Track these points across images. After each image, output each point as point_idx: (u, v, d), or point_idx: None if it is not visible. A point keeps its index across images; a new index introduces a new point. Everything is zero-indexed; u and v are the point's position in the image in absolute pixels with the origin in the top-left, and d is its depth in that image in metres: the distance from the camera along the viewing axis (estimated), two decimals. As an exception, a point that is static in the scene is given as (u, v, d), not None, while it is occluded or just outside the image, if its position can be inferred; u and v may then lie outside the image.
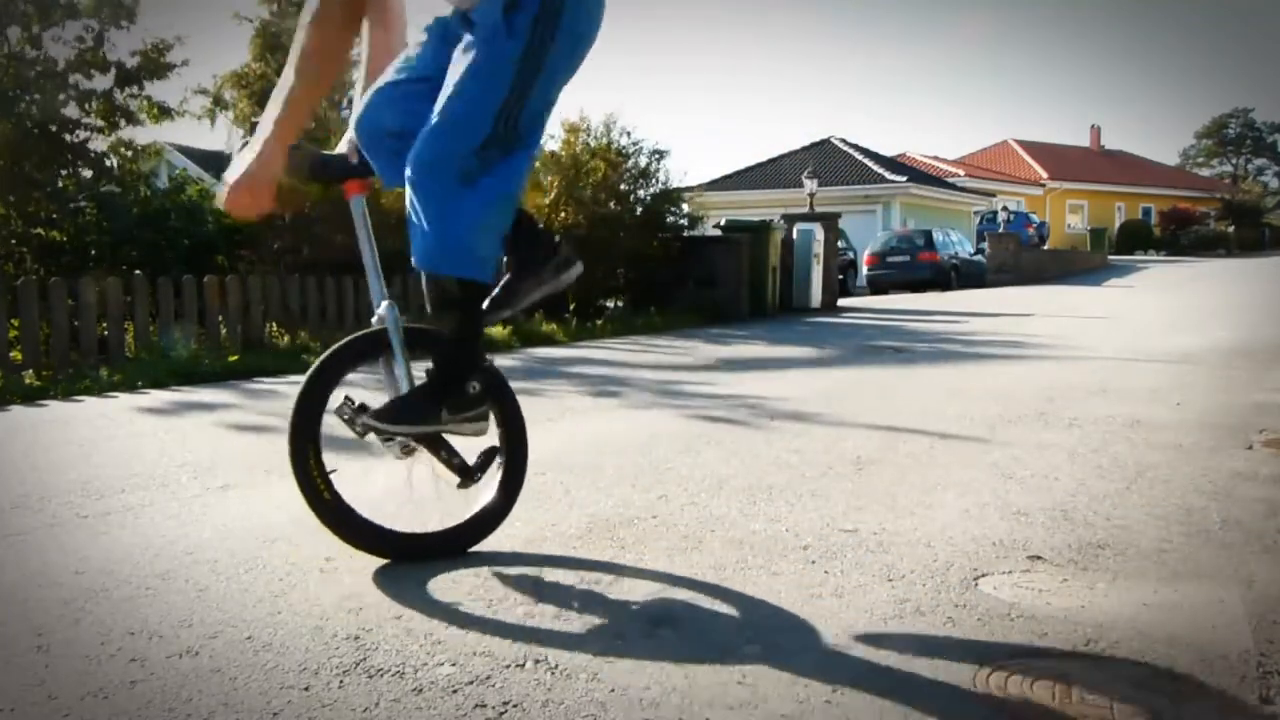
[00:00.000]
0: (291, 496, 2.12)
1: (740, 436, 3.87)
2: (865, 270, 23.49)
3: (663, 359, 7.43)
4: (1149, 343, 7.82)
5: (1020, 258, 25.89)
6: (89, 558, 2.28)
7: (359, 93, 2.25)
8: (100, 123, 9.61)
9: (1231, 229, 44.20)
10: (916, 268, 22.52)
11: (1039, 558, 2.25)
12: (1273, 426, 3.93)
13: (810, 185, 23.38)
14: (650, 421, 4.33)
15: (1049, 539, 2.40)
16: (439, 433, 2.18)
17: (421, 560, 2.18)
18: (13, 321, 6.58)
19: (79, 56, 9.36)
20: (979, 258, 25.03)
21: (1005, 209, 34.69)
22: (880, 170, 32.33)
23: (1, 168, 8.81)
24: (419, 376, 2.19)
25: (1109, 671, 1.64)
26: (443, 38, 2.13)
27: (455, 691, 1.56)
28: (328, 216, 9.12)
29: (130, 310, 7.24)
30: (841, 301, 16.13)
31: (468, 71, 1.96)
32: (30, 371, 6.32)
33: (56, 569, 2.19)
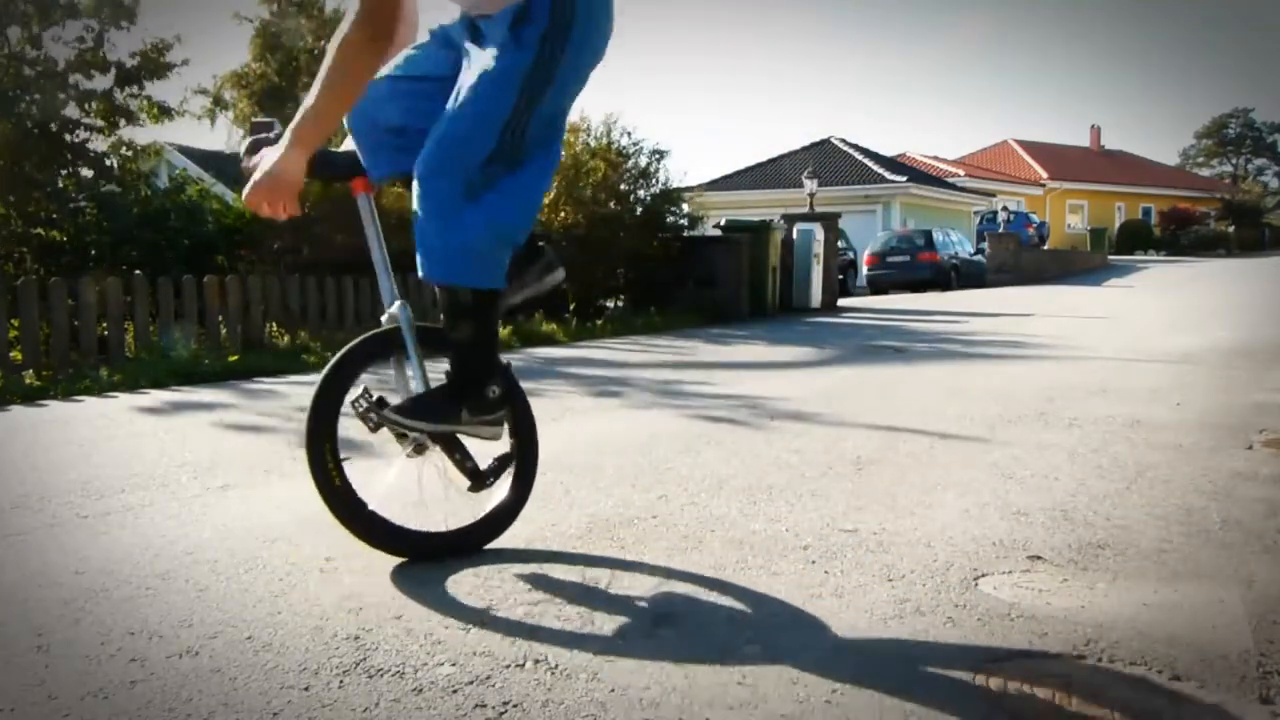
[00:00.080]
0: (292, 496, 2.12)
1: (740, 436, 3.87)
2: (865, 270, 23.50)
3: (663, 359, 7.43)
4: (1149, 343, 7.82)
5: (1020, 258, 25.90)
6: (89, 558, 2.28)
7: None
8: (100, 123, 9.62)
9: (1231, 229, 44.21)
10: (916, 268, 22.53)
11: (1039, 558, 2.25)
12: (1273, 426, 3.93)
13: (810, 185, 23.40)
14: (650, 421, 4.33)
15: (1049, 539, 2.40)
16: (455, 434, 2.18)
17: (432, 560, 2.18)
18: (13, 321, 6.58)
19: (79, 56, 9.37)
20: (979, 258, 25.04)
21: (1005, 209, 34.69)
22: (880, 170, 32.34)
23: (1, 168, 8.82)
24: (434, 377, 2.20)
25: (1109, 671, 1.64)
26: (444, 42, 2.13)
27: (455, 691, 1.56)
28: (328, 216, 9.12)
29: (130, 310, 7.24)
30: (841, 301, 16.13)
31: (475, 83, 1.96)
32: (30, 371, 6.32)
33: (56, 569, 2.19)
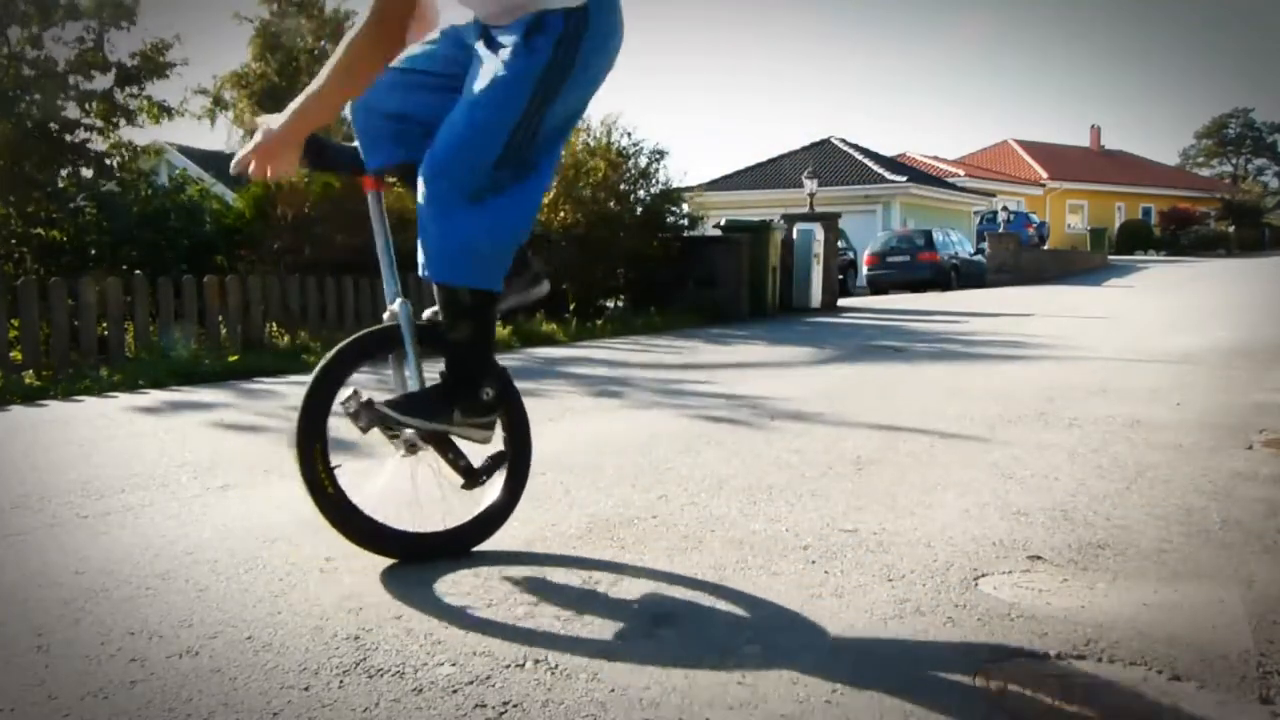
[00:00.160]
0: (292, 496, 2.12)
1: (740, 436, 3.87)
2: (865, 270, 23.49)
3: (663, 359, 7.43)
4: (1149, 343, 7.82)
5: (1020, 258, 25.90)
6: (89, 558, 2.28)
7: None
8: (100, 123, 9.62)
9: (1231, 229, 44.20)
10: (916, 268, 22.53)
11: (1039, 558, 2.25)
12: (1273, 426, 3.93)
13: (810, 185, 23.39)
14: (650, 421, 4.33)
15: (1049, 539, 2.40)
16: (447, 433, 2.18)
17: (426, 560, 2.18)
18: (13, 321, 6.58)
19: (79, 57, 9.37)
20: (979, 258, 25.03)
21: (1005, 209, 34.69)
22: (880, 170, 32.34)
23: (1, 168, 8.82)
24: (429, 377, 2.20)
25: (1109, 671, 1.64)
26: (456, 42, 2.14)
27: (455, 691, 1.56)
28: (328, 216, 9.13)
29: (130, 310, 7.24)
30: (841, 301, 16.13)
31: (488, 85, 1.97)
32: (30, 371, 6.32)
33: (56, 569, 2.19)
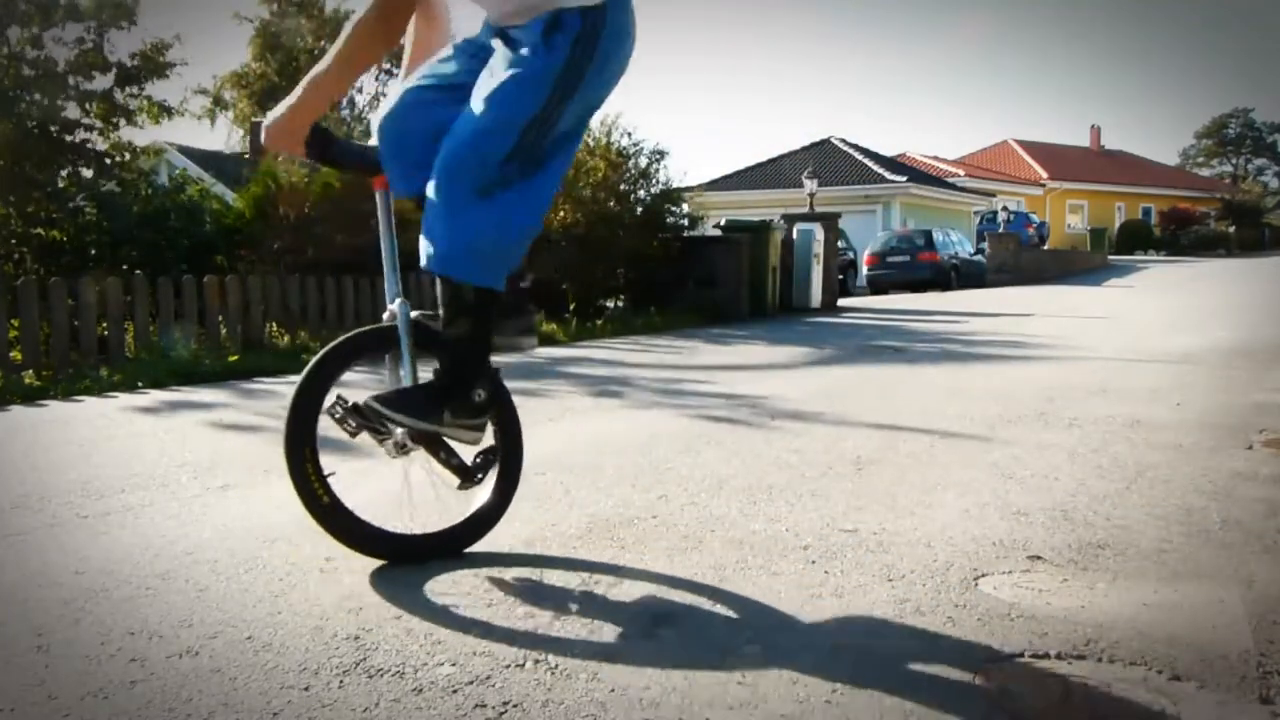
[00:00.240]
0: (292, 496, 2.12)
1: (740, 436, 3.87)
2: (865, 270, 23.49)
3: (663, 359, 7.43)
4: (1149, 343, 7.82)
5: (1020, 258, 25.90)
6: (89, 558, 2.28)
7: (397, 82, 2.29)
8: (100, 123, 9.62)
9: (1231, 229, 44.21)
10: (916, 268, 22.53)
11: (1039, 558, 2.25)
12: (1273, 426, 3.93)
13: (810, 185, 23.40)
14: (650, 421, 4.33)
15: (1049, 539, 2.40)
16: (438, 434, 2.18)
17: (419, 561, 2.18)
18: (13, 321, 6.58)
19: (79, 57, 9.38)
20: (979, 258, 25.03)
21: (1005, 209, 34.69)
22: (880, 170, 32.34)
23: (1, 168, 8.82)
24: (424, 377, 2.19)
25: (1109, 671, 1.64)
26: (471, 54, 2.14)
27: (455, 691, 1.56)
28: (328, 216, 9.13)
29: (130, 310, 7.24)
30: (841, 301, 16.13)
31: (505, 81, 1.97)
32: (30, 371, 6.32)
33: (56, 569, 2.19)
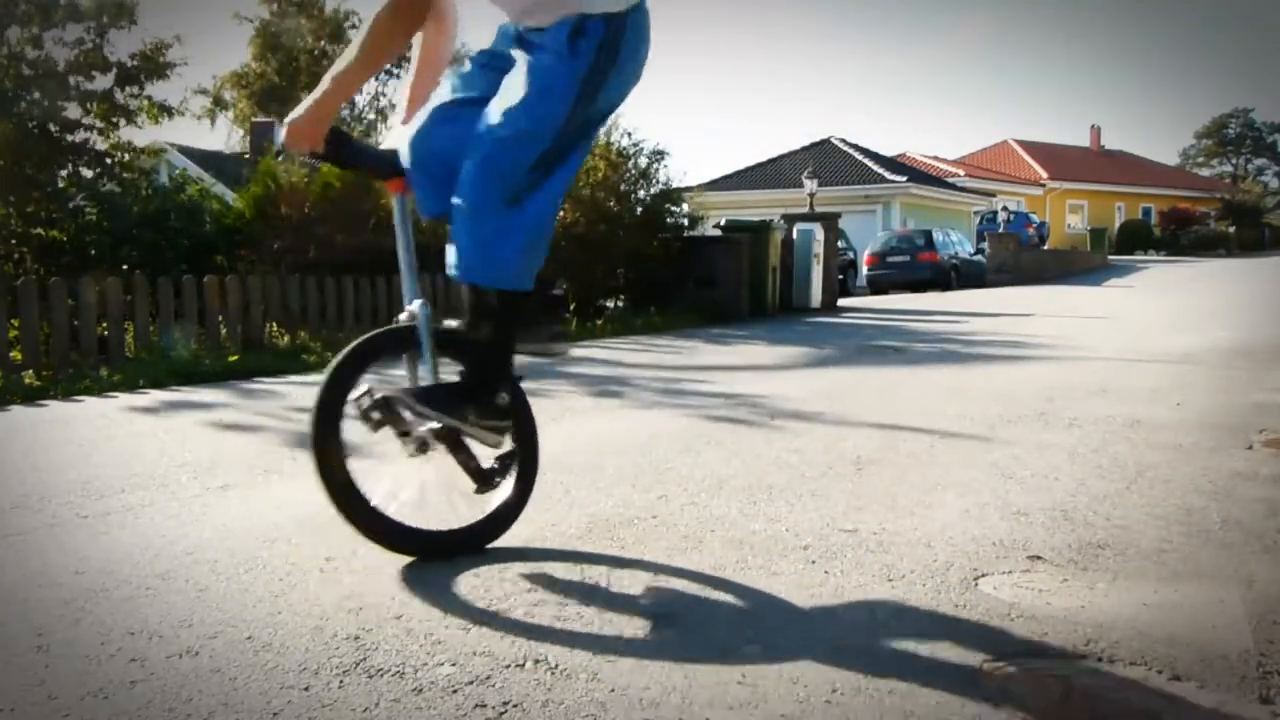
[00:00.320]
0: (292, 497, 2.12)
1: (740, 436, 3.87)
2: (865, 270, 23.48)
3: (663, 359, 7.43)
4: (1149, 343, 7.82)
5: (1020, 258, 25.89)
6: (89, 558, 2.28)
7: (403, 88, 2.32)
8: (100, 123, 9.62)
9: (1231, 229, 44.19)
10: (916, 268, 22.52)
11: (1039, 558, 2.25)
12: (1273, 426, 3.93)
13: (810, 185, 23.40)
14: (650, 421, 4.33)
15: (1049, 539, 2.40)
16: (459, 433, 2.19)
17: (441, 558, 2.18)
18: (13, 321, 6.58)
19: (79, 57, 9.38)
20: (979, 258, 25.03)
21: (1005, 209, 34.69)
22: (880, 170, 32.33)
23: (1, 168, 8.82)
24: (446, 378, 2.20)
25: (1109, 671, 1.64)
26: (491, 66, 2.15)
27: (455, 691, 1.56)
28: (328, 216, 9.13)
29: (130, 310, 7.24)
30: (841, 301, 16.12)
31: (534, 87, 1.99)
32: (30, 371, 6.32)
33: (56, 569, 2.19)
